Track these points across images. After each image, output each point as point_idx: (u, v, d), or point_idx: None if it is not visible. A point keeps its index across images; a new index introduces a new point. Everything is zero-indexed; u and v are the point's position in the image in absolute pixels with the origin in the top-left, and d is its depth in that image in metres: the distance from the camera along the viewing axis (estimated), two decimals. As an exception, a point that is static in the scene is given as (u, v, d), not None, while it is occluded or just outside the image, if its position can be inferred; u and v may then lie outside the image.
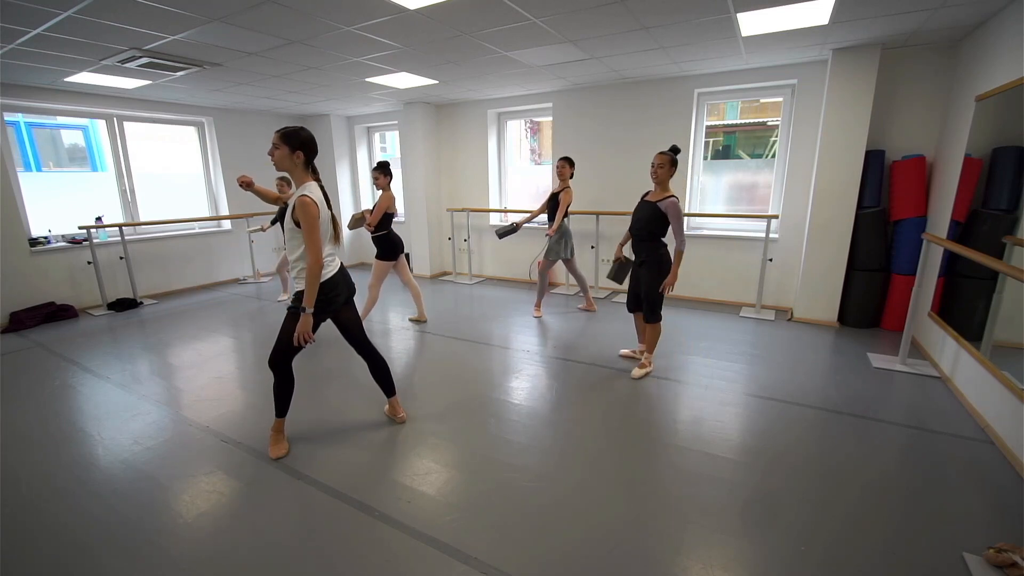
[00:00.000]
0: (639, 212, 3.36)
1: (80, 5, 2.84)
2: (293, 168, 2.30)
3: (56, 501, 2.23)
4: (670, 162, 3.20)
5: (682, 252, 3.22)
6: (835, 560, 1.82)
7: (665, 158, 3.20)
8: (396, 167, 4.49)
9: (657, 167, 3.22)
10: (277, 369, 2.49)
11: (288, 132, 2.26)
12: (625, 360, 3.80)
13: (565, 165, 4.65)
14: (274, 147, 2.26)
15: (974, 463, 2.42)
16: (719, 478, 2.32)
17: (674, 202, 3.19)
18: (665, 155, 3.21)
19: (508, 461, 2.49)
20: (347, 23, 3.28)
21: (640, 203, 3.39)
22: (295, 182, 2.35)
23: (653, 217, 3.26)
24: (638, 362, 3.62)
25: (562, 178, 4.65)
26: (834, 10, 3.16)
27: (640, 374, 3.46)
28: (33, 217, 5.18)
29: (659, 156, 3.22)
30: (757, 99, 5.28)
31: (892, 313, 4.37)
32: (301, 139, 2.28)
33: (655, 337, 3.49)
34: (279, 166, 2.30)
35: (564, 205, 4.60)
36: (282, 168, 2.30)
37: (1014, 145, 2.85)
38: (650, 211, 3.27)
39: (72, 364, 3.89)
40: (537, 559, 1.84)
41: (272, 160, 2.28)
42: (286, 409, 2.59)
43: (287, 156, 2.26)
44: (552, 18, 3.27)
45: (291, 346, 2.40)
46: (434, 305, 5.51)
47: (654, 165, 3.23)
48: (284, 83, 5.04)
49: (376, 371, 2.77)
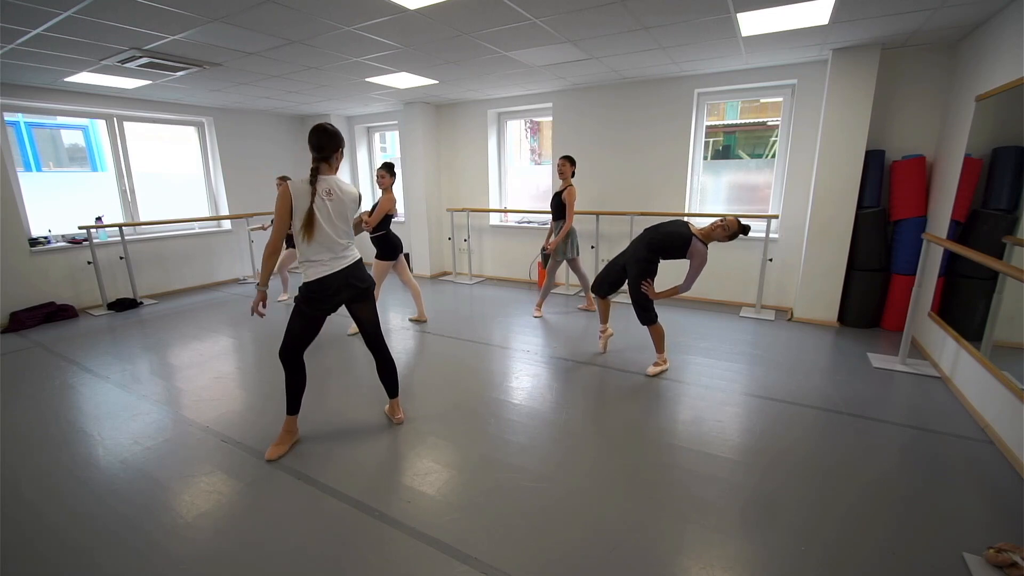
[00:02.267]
0: (671, 225, 3.33)
1: (80, 5, 2.84)
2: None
3: (56, 501, 2.23)
4: (733, 232, 3.17)
5: (679, 293, 3.31)
6: (835, 560, 1.82)
7: (735, 226, 3.16)
8: (396, 167, 4.49)
9: (720, 226, 3.18)
10: (285, 362, 2.50)
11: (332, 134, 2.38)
12: (635, 354, 3.84)
13: (566, 163, 4.65)
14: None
15: (974, 463, 2.42)
16: (719, 478, 2.32)
17: (703, 250, 3.19)
18: (738, 223, 3.16)
19: (508, 461, 2.49)
20: (347, 23, 3.28)
21: (678, 222, 3.36)
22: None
23: (678, 242, 3.23)
24: (646, 354, 3.71)
25: (564, 177, 4.65)
26: (834, 10, 3.16)
27: (655, 372, 3.48)
28: (33, 217, 5.18)
29: (733, 220, 3.18)
30: (757, 99, 5.28)
31: (892, 313, 4.37)
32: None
33: (658, 337, 3.50)
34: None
35: (571, 203, 4.60)
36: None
37: (1014, 145, 2.85)
38: (683, 236, 3.22)
39: (72, 364, 3.89)
40: (537, 559, 1.84)
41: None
42: (296, 406, 2.59)
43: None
44: (552, 18, 3.27)
45: (296, 340, 2.44)
46: (434, 305, 5.51)
47: (721, 223, 3.19)
48: (284, 83, 5.04)
49: (383, 370, 2.77)
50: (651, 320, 3.43)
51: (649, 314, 3.41)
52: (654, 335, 3.49)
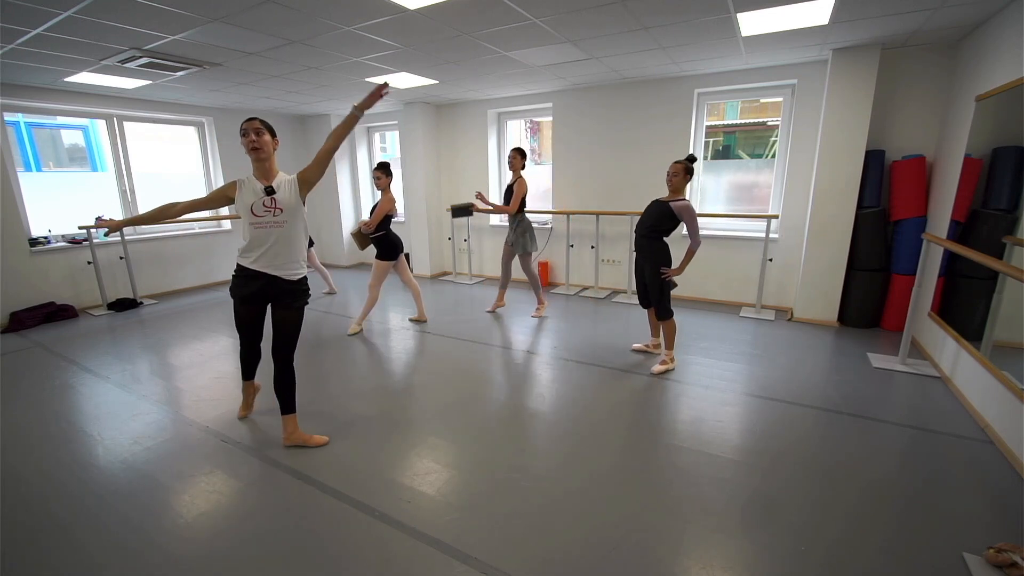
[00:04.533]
0: (648, 211, 3.45)
1: (80, 5, 2.84)
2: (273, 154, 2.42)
3: (56, 501, 2.23)
4: (684, 170, 3.31)
5: (695, 250, 3.31)
6: (835, 560, 1.82)
7: (680, 166, 3.32)
8: (396, 167, 4.49)
9: (672, 175, 3.33)
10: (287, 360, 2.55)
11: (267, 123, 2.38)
12: (636, 355, 3.85)
13: (516, 156, 4.66)
14: (257, 133, 2.31)
15: (974, 463, 2.42)
16: (719, 478, 2.32)
17: (687, 204, 3.29)
18: (680, 163, 3.32)
19: (508, 461, 2.49)
20: (347, 23, 3.28)
21: (651, 203, 3.46)
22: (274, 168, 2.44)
23: (662, 216, 3.35)
24: (648, 356, 3.72)
25: (514, 169, 4.67)
26: (834, 10, 3.16)
27: (660, 370, 3.50)
28: (33, 217, 5.18)
29: (674, 164, 3.33)
30: (757, 99, 5.28)
31: (892, 313, 4.36)
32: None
33: (671, 333, 3.53)
34: (267, 152, 2.36)
35: (519, 195, 4.61)
36: (268, 154, 2.37)
37: (1014, 145, 2.85)
38: (660, 210, 3.36)
39: (72, 364, 3.89)
40: (537, 559, 1.84)
41: (259, 147, 2.32)
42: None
43: (270, 143, 2.38)
44: (552, 18, 3.27)
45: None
46: (434, 305, 5.51)
47: (669, 173, 3.34)
48: (284, 83, 5.04)
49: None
50: (668, 315, 3.47)
51: (667, 308, 3.46)
52: (667, 331, 3.53)
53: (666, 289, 3.42)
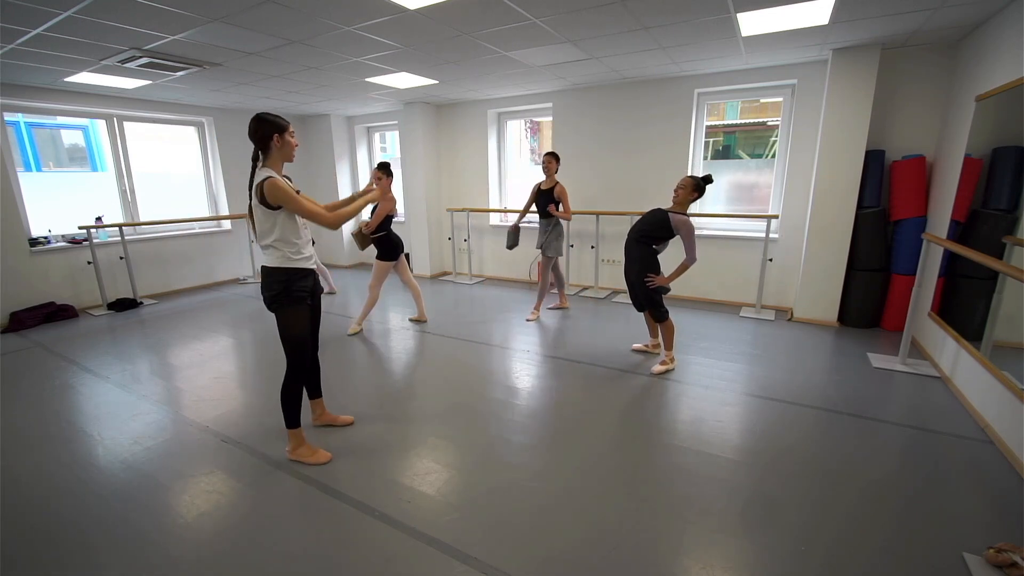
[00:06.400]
0: (646, 215, 3.43)
1: (80, 5, 2.84)
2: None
3: (56, 501, 2.23)
4: (694, 186, 3.24)
5: (688, 266, 3.28)
6: (835, 560, 1.82)
7: (690, 181, 3.25)
8: (396, 167, 4.49)
9: (679, 187, 3.26)
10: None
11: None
12: (635, 355, 3.86)
13: (552, 160, 4.66)
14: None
15: (974, 463, 2.42)
16: (719, 478, 2.32)
17: (686, 219, 3.23)
18: (692, 178, 3.25)
19: (508, 461, 2.49)
20: (347, 23, 3.28)
21: (653, 209, 3.43)
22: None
23: (657, 223, 3.32)
24: (648, 356, 3.74)
25: (550, 174, 4.66)
26: (834, 10, 3.16)
27: (660, 370, 3.49)
28: (33, 217, 5.18)
29: (686, 178, 3.27)
30: (757, 99, 5.28)
31: (892, 313, 4.36)
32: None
33: (669, 334, 3.53)
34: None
35: (567, 199, 4.63)
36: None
37: (1014, 145, 2.85)
38: (657, 217, 3.33)
39: (72, 364, 3.89)
40: (537, 559, 1.84)
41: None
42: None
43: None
44: (552, 18, 3.27)
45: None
46: (434, 305, 5.51)
47: (678, 185, 3.27)
48: (284, 83, 5.04)
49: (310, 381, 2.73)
50: (663, 317, 3.46)
51: (661, 310, 3.44)
52: (665, 332, 3.52)
53: (653, 295, 3.40)
